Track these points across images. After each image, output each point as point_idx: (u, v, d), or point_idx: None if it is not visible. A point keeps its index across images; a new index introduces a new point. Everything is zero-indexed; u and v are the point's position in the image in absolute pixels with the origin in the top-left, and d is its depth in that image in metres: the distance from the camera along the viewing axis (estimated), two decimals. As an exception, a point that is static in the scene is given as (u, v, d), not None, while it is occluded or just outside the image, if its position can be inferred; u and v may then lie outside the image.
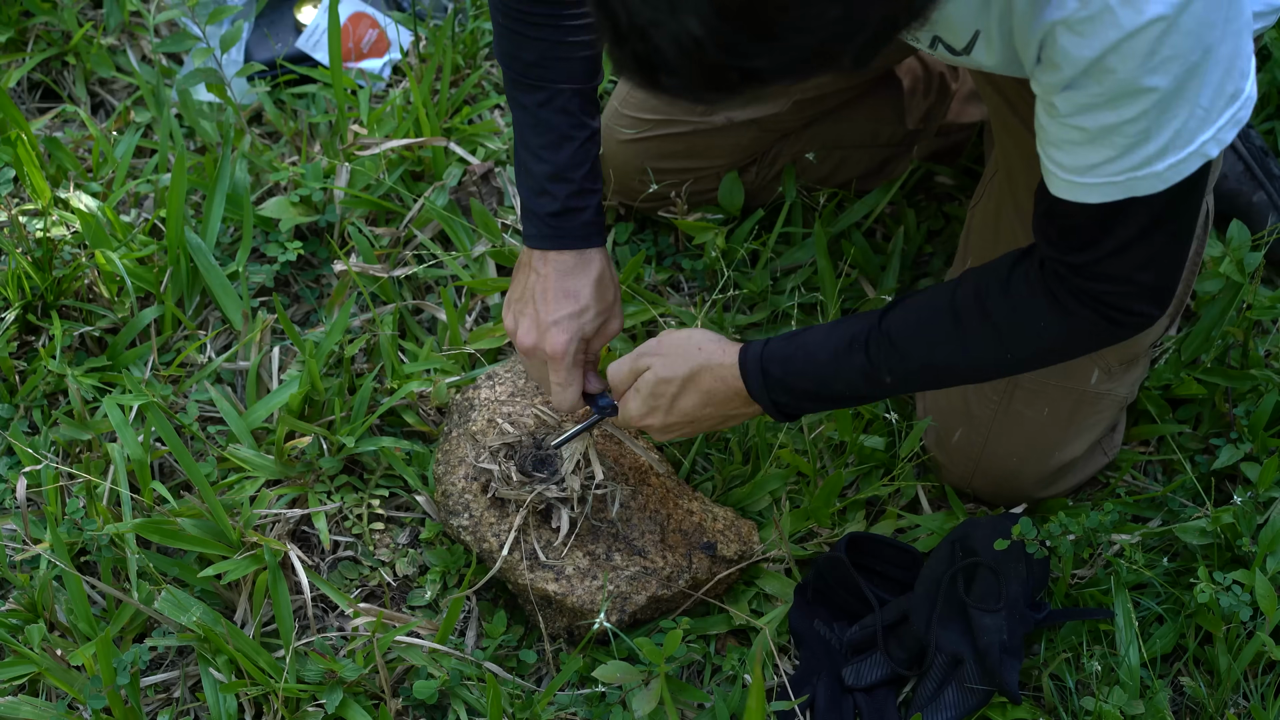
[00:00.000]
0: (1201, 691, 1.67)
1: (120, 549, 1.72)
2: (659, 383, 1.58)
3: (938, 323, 1.47)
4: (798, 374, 1.52)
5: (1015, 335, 1.45)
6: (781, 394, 1.54)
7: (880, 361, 1.48)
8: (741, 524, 1.79)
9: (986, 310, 1.45)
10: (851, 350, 1.49)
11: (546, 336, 1.61)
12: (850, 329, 1.50)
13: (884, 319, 1.49)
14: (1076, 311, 1.40)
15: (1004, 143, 1.72)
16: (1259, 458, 1.83)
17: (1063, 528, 1.65)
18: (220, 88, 2.14)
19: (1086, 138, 1.27)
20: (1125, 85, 1.22)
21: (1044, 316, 1.42)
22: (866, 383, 1.51)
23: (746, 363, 1.54)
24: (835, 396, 1.55)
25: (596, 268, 1.63)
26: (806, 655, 1.72)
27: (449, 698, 1.67)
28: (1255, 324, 1.95)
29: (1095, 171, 1.29)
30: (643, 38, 1.06)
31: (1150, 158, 1.26)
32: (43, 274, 1.96)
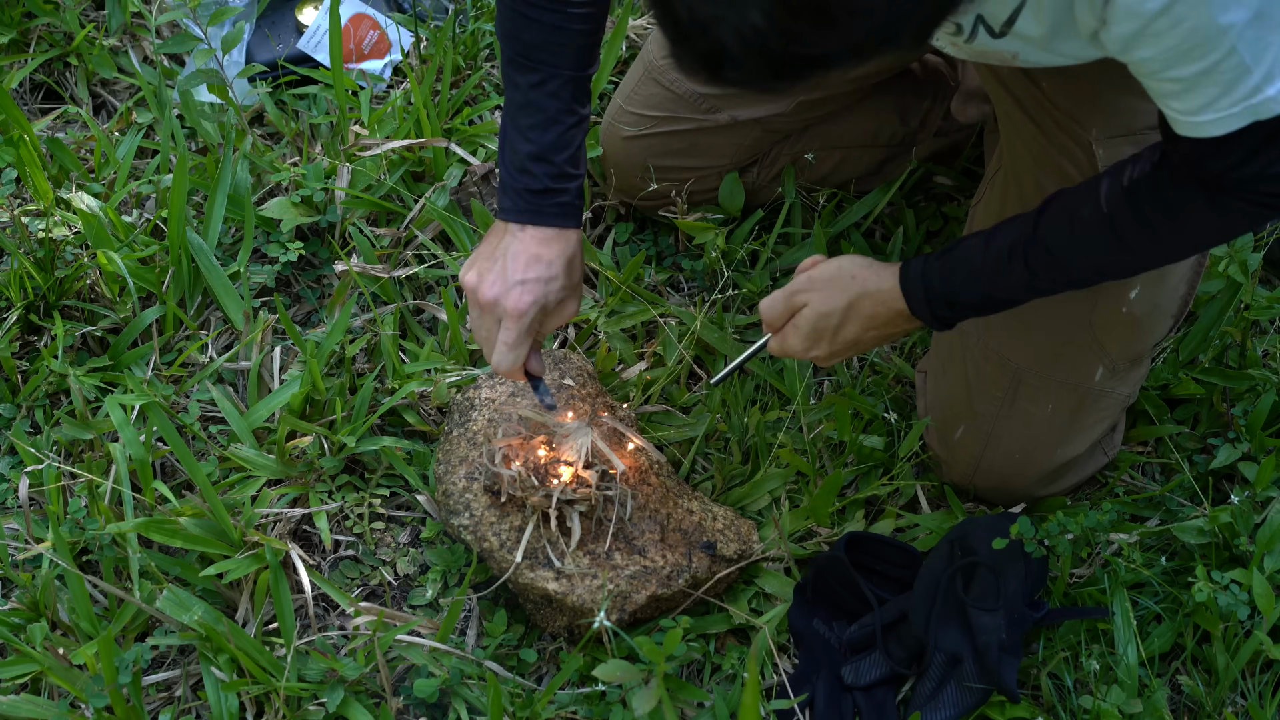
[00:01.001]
0: (1199, 690, 1.67)
1: (122, 548, 1.72)
2: (819, 317, 1.62)
3: (1094, 232, 1.49)
4: (960, 289, 1.56)
5: (1174, 235, 1.48)
6: (944, 308, 1.58)
7: (1041, 270, 1.52)
8: (741, 523, 1.79)
9: (1143, 215, 1.46)
10: (1012, 261, 1.52)
11: (511, 293, 1.60)
12: (1007, 238, 1.53)
13: (1038, 225, 1.51)
14: (1230, 206, 1.41)
15: (1010, 140, 1.72)
16: (1256, 457, 1.84)
17: (1061, 527, 1.66)
18: (222, 89, 2.14)
19: (1185, 86, 1.29)
20: (1201, 30, 1.22)
21: (1199, 214, 1.43)
22: (1028, 290, 1.55)
23: (909, 284, 1.57)
24: (999, 304, 1.58)
25: (572, 245, 1.64)
26: (806, 654, 1.73)
27: (450, 696, 1.68)
28: (1253, 324, 1.95)
29: (1210, 109, 1.30)
30: (705, 34, 1.08)
31: (1258, 85, 1.26)
32: (45, 274, 1.97)
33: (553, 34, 1.58)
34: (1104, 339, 1.71)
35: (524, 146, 1.61)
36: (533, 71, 1.60)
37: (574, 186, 1.63)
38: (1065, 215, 1.50)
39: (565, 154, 1.62)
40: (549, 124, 1.61)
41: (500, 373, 1.65)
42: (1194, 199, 1.42)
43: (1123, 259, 1.53)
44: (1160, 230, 1.47)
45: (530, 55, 1.60)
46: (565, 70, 1.60)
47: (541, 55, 1.59)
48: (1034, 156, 1.69)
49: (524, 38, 1.59)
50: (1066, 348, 1.72)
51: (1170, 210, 1.44)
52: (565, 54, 1.60)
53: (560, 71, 1.60)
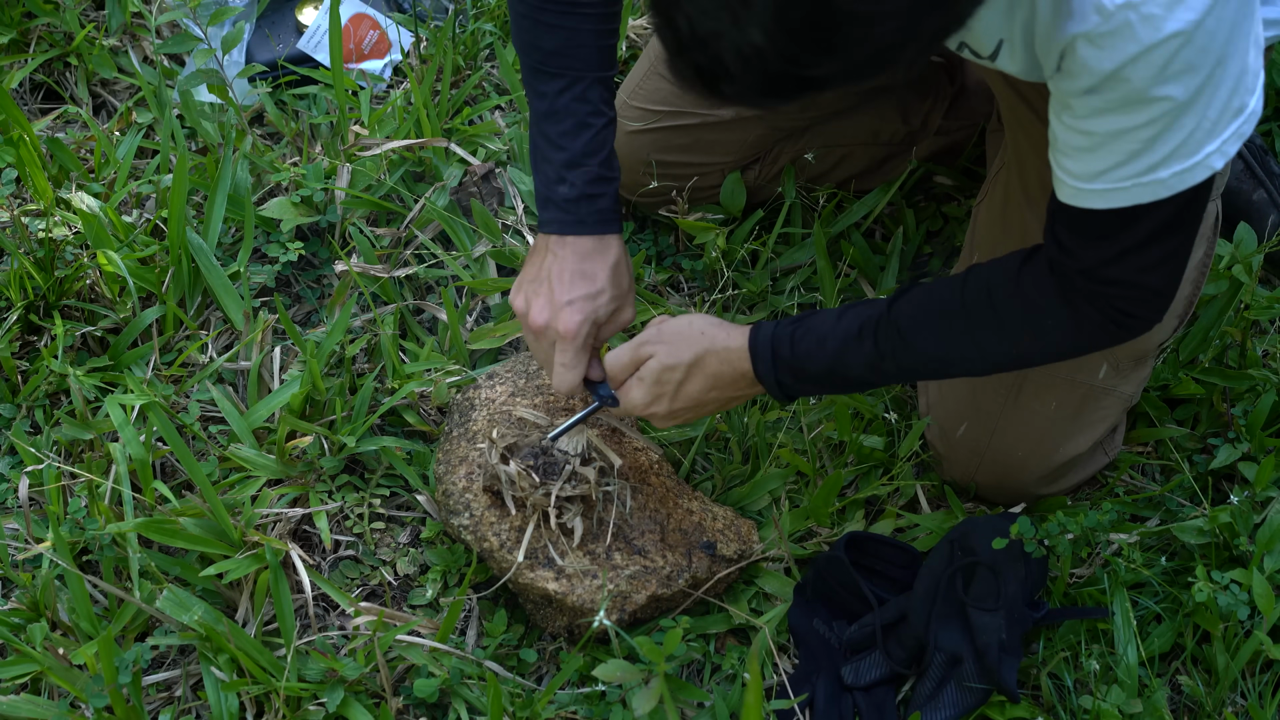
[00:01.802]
0: (1199, 690, 1.67)
1: (122, 548, 1.72)
2: (663, 370, 1.60)
3: (947, 318, 1.50)
4: (806, 357, 1.54)
5: (1023, 333, 1.48)
6: (787, 375, 1.56)
7: (888, 351, 1.51)
8: (741, 523, 1.79)
9: (996, 308, 1.47)
10: (861, 337, 1.52)
11: (560, 315, 1.61)
12: (860, 315, 1.53)
13: (893, 308, 1.51)
14: (1084, 312, 1.43)
15: (1015, 134, 1.73)
16: (1256, 457, 1.84)
17: (1061, 527, 1.66)
18: (222, 89, 2.14)
19: (1094, 143, 1.31)
20: (1138, 93, 1.25)
21: (1052, 315, 1.45)
22: (872, 371, 1.54)
23: (757, 345, 1.56)
24: (841, 381, 1.57)
25: (614, 253, 1.64)
26: (806, 654, 1.73)
27: (450, 696, 1.68)
28: (1253, 324, 1.95)
29: (1102, 178, 1.32)
30: (704, 48, 1.09)
31: (1155, 165, 1.29)
32: (45, 274, 1.97)
33: (572, 37, 1.59)
34: None
35: (557, 155, 1.61)
36: (557, 78, 1.60)
37: (611, 190, 1.63)
38: (922, 300, 1.51)
39: (599, 157, 1.62)
40: (580, 129, 1.61)
41: (563, 392, 1.65)
42: (1050, 300, 1.44)
43: (971, 352, 1.52)
44: (1012, 329, 1.47)
45: (551, 62, 1.60)
46: (590, 73, 1.60)
47: (563, 61, 1.59)
48: (1039, 152, 1.68)
49: (543, 45, 1.59)
50: None
51: (1026, 308, 1.45)
52: (587, 56, 1.60)
53: (585, 74, 1.60)
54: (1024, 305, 1.46)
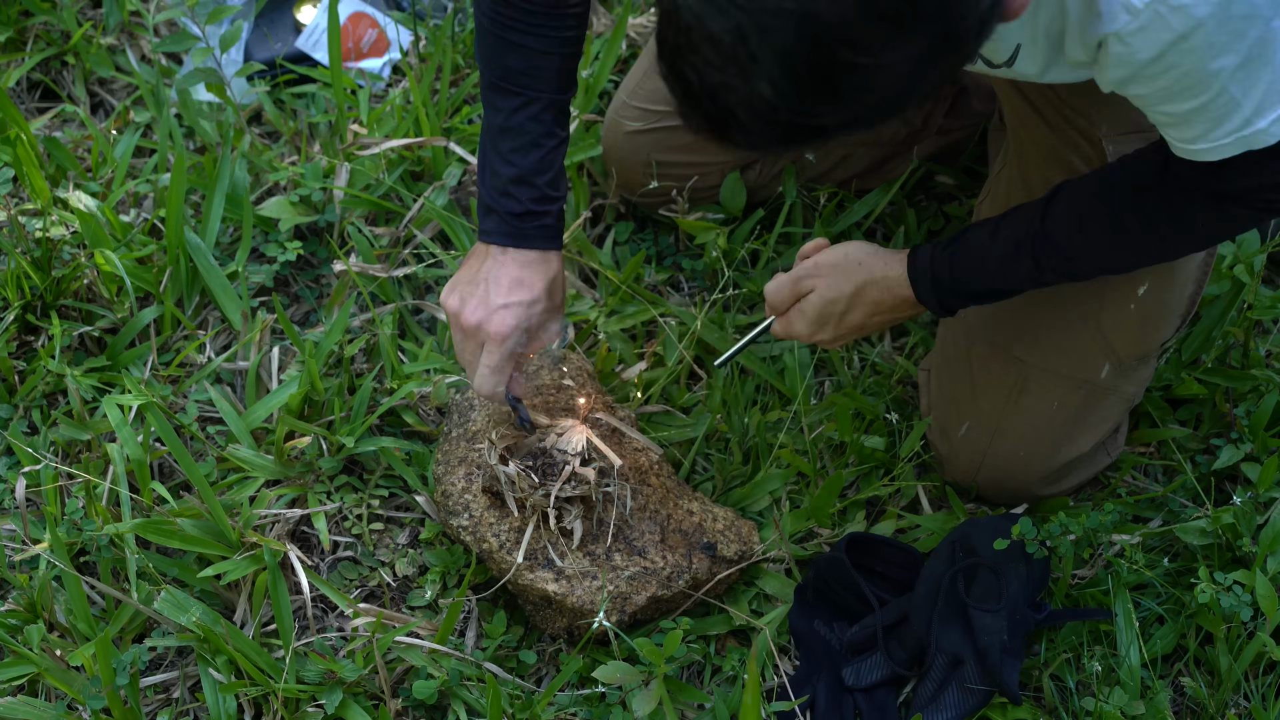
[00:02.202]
0: (1202, 692, 1.67)
1: (119, 549, 1.72)
2: (826, 303, 1.65)
3: (1102, 230, 1.53)
4: (967, 279, 1.59)
5: (1180, 236, 1.53)
6: (950, 295, 1.61)
7: (1047, 264, 1.55)
8: (741, 524, 1.79)
9: (1151, 218, 1.50)
10: (1019, 255, 1.56)
11: (494, 317, 1.63)
12: (1014, 232, 1.56)
13: (1045, 220, 1.54)
14: (1234, 212, 1.46)
15: (1018, 136, 1.73)
16: (1259, 458, 1.83)
17: (1063, 528, 1.65)
18: (220, 87, 2.14)
19: (1179, 119, 1.34)
20: (1192, 74, 1.27)
21: (1204, 217, 1.48)
22: (1032, 282, 1.59)
23: (916, 272, 1.61)
24: (1003, 293, 1.62)
25: (553, 268, 1.66)
26: (806, 655, 1.72)
27: (449, 698, 1.67)
28: (1256, 324, 1.95)
29: (1204, 139, 1.35)
30: (714, 100, 1.12)
31: (1248, 119, 1.32)
32: (42, 274, 1.96)
33: (535, 59, 1.61)
34: (1111, 336, 1.71)
35: (506, 170, 1.63)
36: (514, 96, 1.62)
37: (555, 209, 1.65)
38: (1074, 213, 1.53)
39: (546, 176, 1.64)
40: (531, 147, 1.63)
41: (482, 395, 1.67)
42: (1199, 205, 1.46)
43: (1130, 257, 1.57)
44: (1167, 232, 1.51)
45: (511, 79, 1.62)
46: (546, 94, 1.63)
47: (523, 80, 1.62)
48: (1042, 153, 1.69)
49: (505, 62, 1.62)
50: (1074, 344, 1.72)
51: (1177, 214, 1.48)
52: (547, 78, 1.62)
53: (542, 95, 1.62)
54: (1176, 213, 1.48)
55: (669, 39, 1.11)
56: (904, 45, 1.07)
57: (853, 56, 1.06)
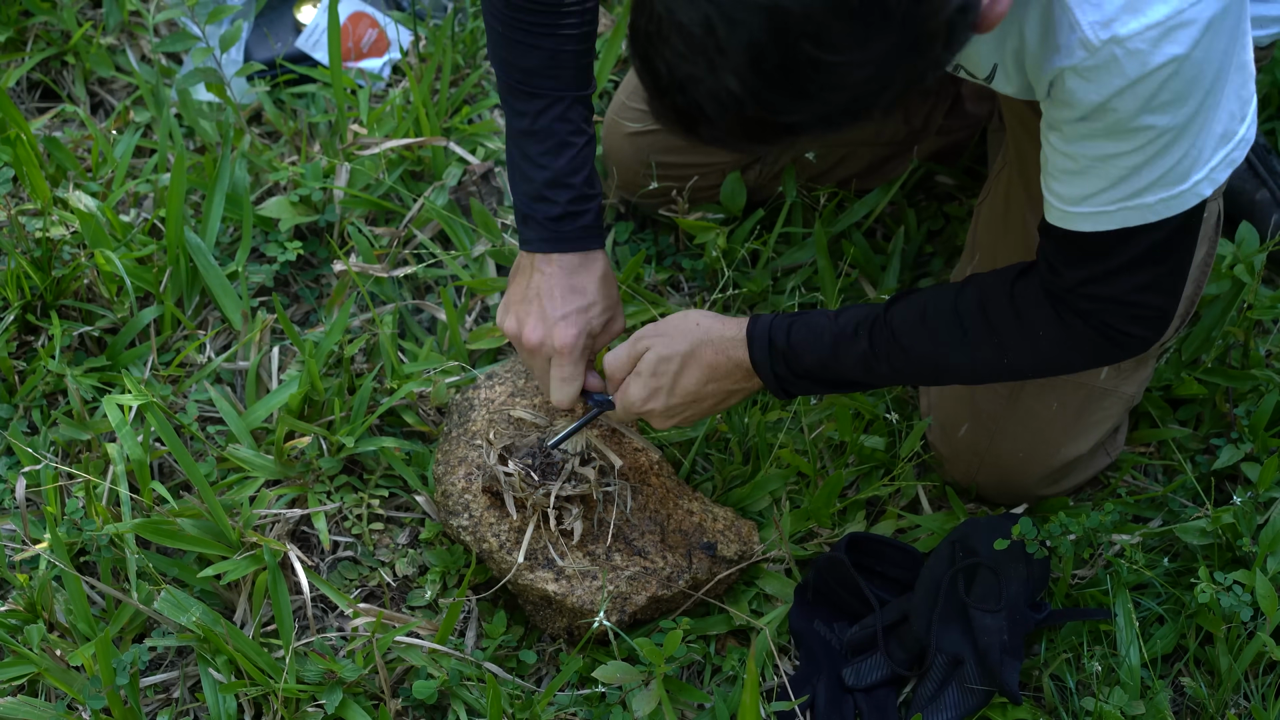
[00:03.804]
0: (1202, 692, 1.67)
1: (119, 549, 1.72)
2: (660, 361, 1.60)
3: (941, 324, 1.50)
4: (802, 349, 1.55)
5: (1016, 346, 1.49)
6: (782, 366, 1.56)
7: (881, 351, 1.52)
8: (741, 524, 1.79)
9: (990, 319, 1.48)
10: (856, 335, 1.53)
11: (555, 331, 1.62)
12: (857, 315, 1.54)
13: (890, 310, 1.52)
14: (1077, 328, 1.44)
15: (1016, 133, 1.73)
16: (1259, 458, 1.83)
17: (1063, 528, 1.65)
18: (220, 87, 2.14)
19: (1081, 167, 1.32)
20: (1124, 122, 1.27)
21: (1045, 329, 1.46)
22: (865, 370, 1.54)
23: (754, 333, 1.57)
24: (834, 379, 1.58)
25: (600, 266, 1.65)
26: (806, 655, 1.72)
27: (449, 698, 1.67)
28: (1256, 324, 1.94)
29: (1088, 201, 1.34)
30: (682, 91, 1.12)
31: (1141, 190, 1.31)
32: (42, 274, 1.96)
33: (551, 58, 1.59)
34: None
35: (539, 174, 1.62)
36: (537, 98, 1.61)
37: (594, 207, 1.64)
38: (919, 305, 1.52)
39: (582, 175, 1.63)
40: (561, 148, 1.62)
41: (563, 406, 1.67)
42: (1043, 312, 1.44)
43: (963, 359, 1.52)
44: (1004, 340, 1.48)
45: (531, 82, 1.60)
46: (570, 92, 1.61)
47: (543, 81, 1.60)
48: (1038, 148, 1.68)
49: (522, 65, 1.60)
50: None
51: (1019, 321, 1.46)
52: (568, 77, 1.61)
53: (565, 94, 1.61)
54: (1017, 318, 1.47)
55: (640, 28, 1.12)
56: (871, 45, 1.07)
57: (820, 53, 1.06)
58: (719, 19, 1.06)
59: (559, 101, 1.61)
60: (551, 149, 1.62)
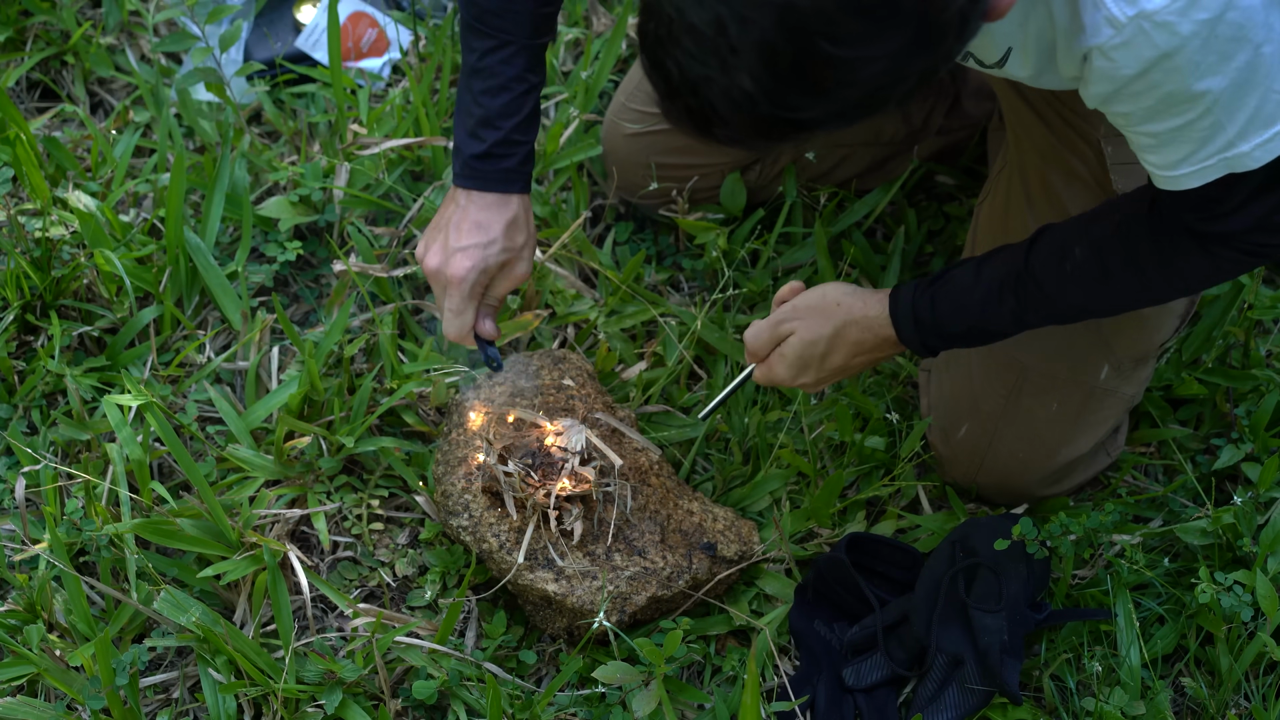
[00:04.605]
0: (1203, 692, 1.67)
1: (119, 549, 1.72)
2: (806, 345, 1.63)
3: (1085, 270, 1.51)
4: (948, 319, 1.57)
5: (1160, 280, 1.50)
6: (931, 337, 1.59)
7: (1029, 305, 1.53)
8: (741, 524, 1.79)
9: (1133, 259, 1.48)
10: (1002, 295, 1.54)
11: (451, 261, 1.66)
12: (998, 272, 1.54)
13: (1029, 261, 1.52)
14: (1221, 255, 1.44)
15: (1017, 136, 1.73)
16: (1260, 458, 1.83)
17: (1063, 528, 1.65)
18: (219, 87, 2.13)
19: (1160, 141, 1.32)
20: (1176, 94, 1.26)
21: (1189, 261, 1.46)
22: (1016, 324, 1.57)
23: (898, 312, 1.59)
24: (985, 335, 1.60)
25: (512, 210, 1.68)
26: (807, 655, 1.72)
27: (448, 698, 1.67)
28: (1256, 324, 1.94)
29: (1185, 163, 1.33)
30: (695, 93, 1.12)
31: (1232, 140, 1.29)
32: (41, 274, 1.96)
33: (509, 2, 1.61)
34: (1110, 337, 1.71)
35: (475, 111, 1.65)
36: (488, 38, 1.63)
37: (520, 152, 1.66)
38: (1057, 253, 1.51)
39: (513, 120, 1.65)
40: (499, 90, 1.64)
41: (451, 338, 1.70)
42: (1186, 246, 1.44)
43: (1113, 299, 1.54)
44: (1153, 276, 1.48)
45: (486, 21, 1.63)
46: (519, 39, 1.63)
47: (497, 22, 1.62)
48: (1041, 153, 1.69)
49: (481, 3, 1.62)
50: (1073, 345, 1.72)
51: (1163, 257, 1.46)
52: (520, 22, 1.62)
53: (514, 39, 1.63)
54: (1159, 256, 1.47)
55: (650, 31, 1.12)
56: (884, 39, 1.07)
57: (832, 49, 1.06)
58: (730, 18, 1.06)
59: (507, 45, 1.63)
60: (491, 89, 1.64)
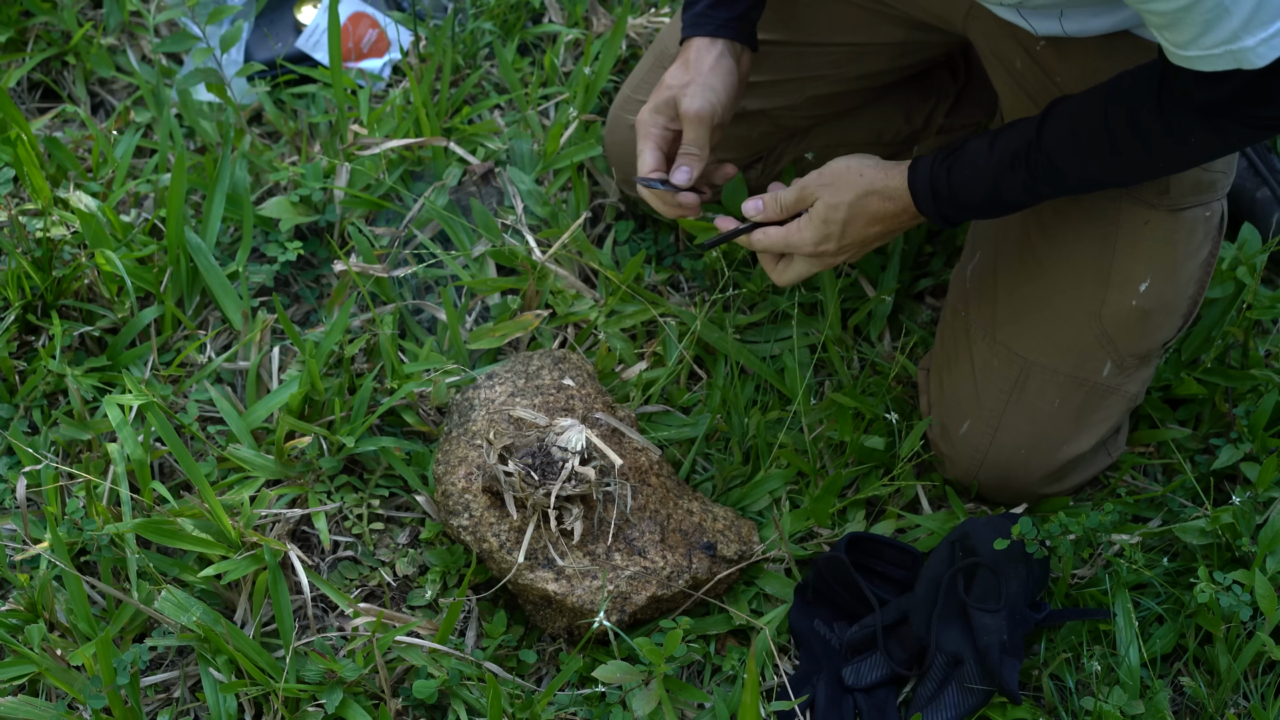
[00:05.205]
0: (1201, 691, 1.67)
1: (120, 549, 1.72)
2: (829, 209, 1.66)
3: (1095, 143, 1.55)
4: (964, 190, 1.61)
5: (1168, 153, 1.54)
6: (948, 206, 1.63)
7: (1041, 176, 1.58)
8: (741, 524, 1.79)
9: (1141, 134, 1.51)
10: (1014, 167, 1.58)
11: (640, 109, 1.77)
12: (1011, 144, 1.59)
13: (1041, 134, 1.57)
14: (1228, 128, 1.47)
15: None
16: (1259, 458, 1.83)
17: (1063, 527, 1.65)
18: (220, 87, 2.14)
19: (1168, 20, 1.34)
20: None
21: (1196, 135, 1.49)
22: (1027, 194, 1.60)
23: (916, 182, 1.63)
24: (1000, 205, 1.64)
25: (686, 54, 1.76)
26: (806, 655, 1.72)
27: (449, 698, 1.67)
28: (1255, 324, 1.95)
29: (1194, 45, 1.35)
30: None
31: (1237, 32, 1.30)
32: (42, 274, 1.96)
33: None
34: (1113, 333, 1.71)
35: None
36: None
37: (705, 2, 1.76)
38: (1069, 126, 1.55)
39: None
40: None
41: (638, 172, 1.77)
42: (1192, 121, 1.47)
43: (1123, 171, 1.59)
44: (1159, 145, 1.52)
45: None
46: None
47: None
48: None
49: None
50: (1075, 341, 1.72)
51: (1169, 127, 1.49)
52: None
53: None
54: (1168, 130, 1.49)
55: None
56: None
57: None
58: None
59: None
60: None
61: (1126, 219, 1.69)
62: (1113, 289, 1.70)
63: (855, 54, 1.92)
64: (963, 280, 1.84)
